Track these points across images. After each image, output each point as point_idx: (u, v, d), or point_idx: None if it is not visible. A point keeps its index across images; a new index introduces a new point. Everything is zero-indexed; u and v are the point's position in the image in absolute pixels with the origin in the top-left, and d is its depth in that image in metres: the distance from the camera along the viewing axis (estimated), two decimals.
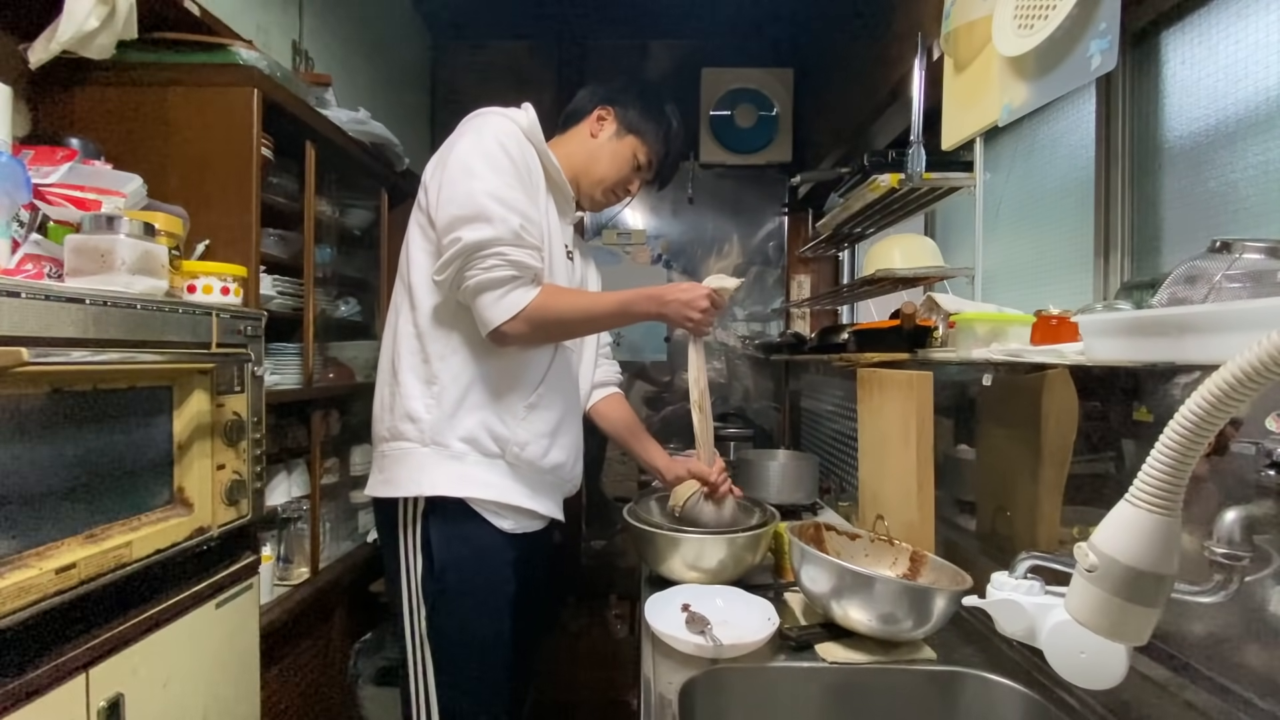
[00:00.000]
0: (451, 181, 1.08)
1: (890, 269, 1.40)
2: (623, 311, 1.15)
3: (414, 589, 1.11)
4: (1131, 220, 1.09)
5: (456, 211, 1.06)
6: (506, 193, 1.08)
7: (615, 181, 1.31)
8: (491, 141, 1.11)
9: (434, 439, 1.10)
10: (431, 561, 1.10)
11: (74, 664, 0.85)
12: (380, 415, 1.18)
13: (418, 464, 1.10)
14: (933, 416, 1.13)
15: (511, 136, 1.13)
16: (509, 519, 1.13)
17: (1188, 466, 0.49)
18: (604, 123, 1.30)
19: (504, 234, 1.05)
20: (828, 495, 1.88)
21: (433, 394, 1.11)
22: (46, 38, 1.14)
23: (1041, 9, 0.95)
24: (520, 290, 1.06)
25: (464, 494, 1.10)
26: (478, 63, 2.84)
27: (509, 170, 1.10)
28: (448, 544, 1.10)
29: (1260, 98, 0.89)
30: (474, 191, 1.06)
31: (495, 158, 1.09)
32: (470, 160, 1.09)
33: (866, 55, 1.89)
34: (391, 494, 1.11)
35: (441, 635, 1.11)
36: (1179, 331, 0.62)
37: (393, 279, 1.26)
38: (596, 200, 1.33)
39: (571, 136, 1.32)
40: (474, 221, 1.05)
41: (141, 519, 0.99)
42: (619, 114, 1.30)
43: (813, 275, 2.83)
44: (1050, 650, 0.71)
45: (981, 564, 1.06)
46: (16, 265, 0.97)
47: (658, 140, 1.31)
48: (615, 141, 1.29)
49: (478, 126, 1.14)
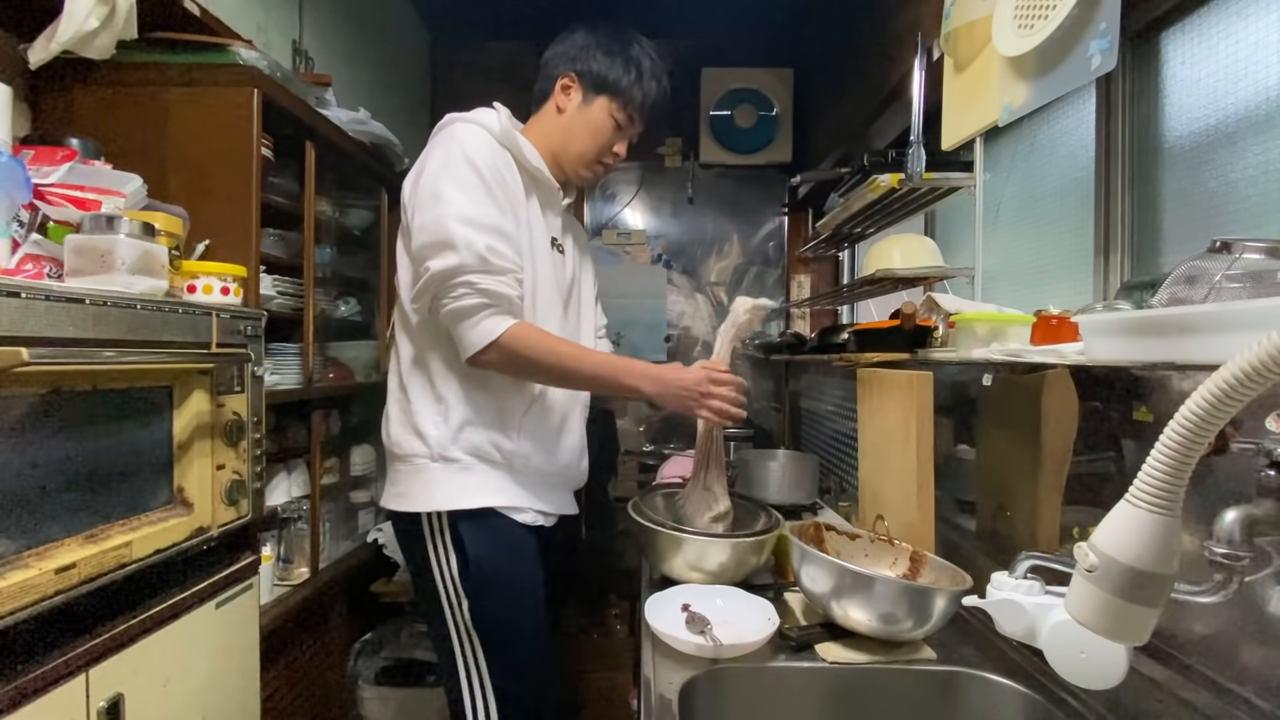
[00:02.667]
0: (421, 207, 1.07)
1: (890, 269, 1.40)
2: (609, 378, 1.11)
3: (450, 584, 1.12)
4: (1131, 220, 1.09)
5: (426, 239, 1.06)
6: (473, 211, 1.05)
7: (596, 152, 1.24)
8: (458, 158, 1.08)
9: (443, 454, 1.12)
10: (465, 556, 1.11)
11: (74, 664, 0.85)
12: (393, 431, 1.17)
13: (431, 479, 1.12)
14: (933, 416, 1.13)
15: (479, 146, 1.10)
16: (526, 514, 1.16)
17: (1188, 466, 0.49)
18: (569, 91, 1.22)
19: (470, 261, 1.03)
20: (828, 495, 1.88)
21: (440, 411, 1.13)
22: (46, 38, 1.14)
23: (1041, 9, 0.95)
24: (492, 319, 1.05)
25: (478, 505, 1.11)
26: (478, 63, 2.84)
27: (476, 185, 1.07)
28: (478, 539, 1.12)
29: (1260, 98, 0.89)
30: (441, 217, 1.04)
31: (461, 175, 1.07)
32: (436, 183, 1.07)
33: (866, 55, 1.89)
34: (408, 509, 1.13)
35: (487, 621, 1.12)
36: (1179, 331, 0.62)
37: (393, 279, 1.26)
38: (584, 176, 1.27)
39: (543, 117, 1.25)
40: (441, 250, 1.04)
41: (141, 519, 0.99)
42: (581, 77, 1.21)
43: (813, 275, 2.83)
44: (1050, 650, 0.71)
45: (981, 564, 1.06)
46: (16, 265, 0.97)
47: (631, 89, 1.21)
48: (585, 109, 1.22)
49: (445, 140, 1.12)
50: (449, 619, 1.13)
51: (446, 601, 1.12)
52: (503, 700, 1.12)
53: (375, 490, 2.04)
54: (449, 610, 1.13)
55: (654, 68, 1.23)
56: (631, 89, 1.21)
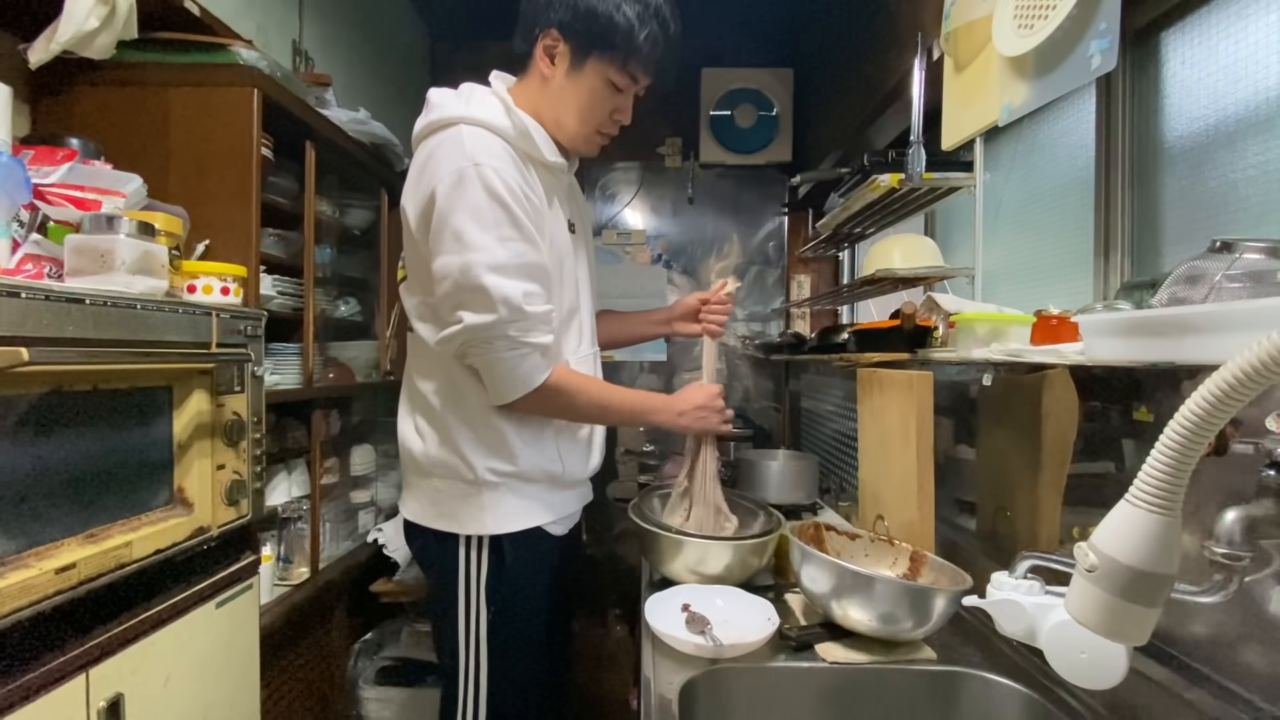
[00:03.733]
0: (444, 249, 0.98)
1: (890, 269, 1.40)
2: (637, 418, 1.17)
3: (475, 594, 1.10)
4: (1131, 220, 1.09)
5: (453, 289, 0.98)
6: (502, 254, 0.97)
7: (594, 126, 1.09)
8: (476, 188, 0.96)
9: (491, 479, 1.08)
10: (501, 570, 1.10)
11: (74, 664, 0.85)
12: (432, 452, 1.10)
13: (481, 504, 1.09)
14: (933, 416, 1.13)
15: (498, 167, 0.97)
16: (558, 525, 1.17)
17: (1188, 466, 0.49)
18: (555, 54, 1.05)
19: (506, 315, 0.97)
20: (828, 495, 1.88)
21: (487, 438, 1.08)
22: (46, 38, 1.14)
23: (1041, 9, 0.95)
24: (530, 371, 1.02)
25: (526, 526, 1.10)
26: (478, 63, 2.82)
27: (502, 220, 0.97)
28: (517, 554, 1.11)
29: (1260, 98, 0.89)
30: (469, 266, 0.96)
31: (483, 210, 0.96)
32: (458, 221, 0.96)
33: (866, 55, 1.89)
34: (454, 530, 1.10)
35: (500, 631, 1.11)
36: (1179, 331, 0.62)
37: (393, 279, 1.25)
38: (585, 150, 1.14)
39: (528, 86, 1.08)
40: (473, 304, 0.98)
41: (141, 519, 0.99)
42: (565, 31, 1.03)
43: (813, 275, 2.83)
44: (1050, 650, 0.71)
45: (981, 564, 1.06)
46: (16, 265, 0.97)
47: (629, 41, 1.00)
48: (575, 77, 1.04)
49: (453, 151, 0.98)
50: (462, 626, 1.12)
51: (464, 608, 1.11)
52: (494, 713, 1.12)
53: (375, 490, 2.04)
54: (464, 617, 1.11)
55: (656, 5, 1.02)
56: (630, 41, 1.01)
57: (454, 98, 1.06)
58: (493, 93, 1.08)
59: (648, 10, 1.02)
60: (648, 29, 1.02)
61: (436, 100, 1.06)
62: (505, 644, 1.12)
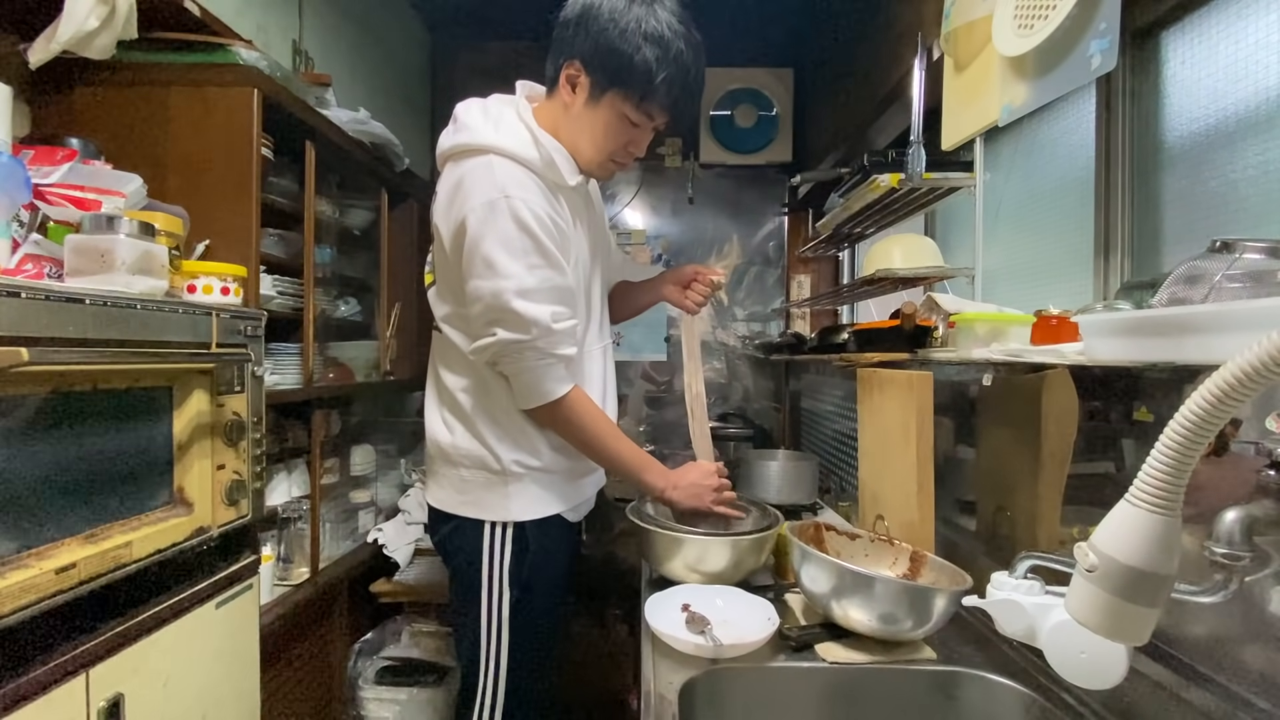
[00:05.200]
0: (476, 273, 1.04)
1: (890, 269, 1.40)
2: (631, 471, 1.21)
3: (498, 579, 1.16)
4: (1131, 220, 1.09)
5: (484, 310, 1.06)
6: (531, 280, 1.03)
7: (607, 154, 1.13)
8: (506, 220, 1.01)
9: (519, 470, 1.16)
10: (524, 555, 1.16)
11: (74, 664, 0.85)
12: (460, 443, 1.16)
13: (507, 493, 1.16)
14: (933, 416, 1.13)
15: (527, 199, 1.02)
16: (577, 511, 1.25)
17: (1188, 466, 0.49)
18: (576, 84, 1.07)
19: (536, 333, 1.05)
20: (828, 495, 1.88)
21: (514, 431, 1.16)
22: (46, 38, 1.14)
23: (1041, 9, 0.95)
24: (554, 382, 1.10)
25: (550, 513, 1.18)
26: (478, 63, 2.84)
27: (531, 250, 1.03)
28: (540, 540, 1.17)
29: (1260, 98, 0.89)
30: (499, 292, 1.03)
31: (512, 240, 1.02)
32: (489, 250, 1.02)
33: (866, 55, 1.89)
34: (480, 517, 1.16)
35: (522, 614, 1.16)
36: (1179, 331, 0.62)
37: (393, 279, 1.26)
38: (600, 175, 1.19)
39: (551, 107, 1.12)
40: (507, 323, 1.05)
41: (141, 519, 0.99)
42: (587, 65, 1.05)
43: (813, 275, 2.83)
44: (1050, 650, 0.71)
45: (981, 564, 1.06)
46: (16, 265, 0.97)
47: (648, 81, 1.02)
48: (592, 107, 1.07)
49: (484, 181, 1.02)
50: (485, 609, 1.16)
51: (488, 592, 1.16)
52: (513, 691, 1.16)
53: (375, 490, 2.04)
54: (488, 601, 1.16)
55: (681, 46, 1.03)
56: (648, 82, 1.03)
57: (482, 120, 1.08)
58: (519, 119, 1.09)
59: (668, 55, 1.03)
60: (665, 72, 1.03)
61: (465, 120, 1.09)
62: (526, 625, 1.17)
